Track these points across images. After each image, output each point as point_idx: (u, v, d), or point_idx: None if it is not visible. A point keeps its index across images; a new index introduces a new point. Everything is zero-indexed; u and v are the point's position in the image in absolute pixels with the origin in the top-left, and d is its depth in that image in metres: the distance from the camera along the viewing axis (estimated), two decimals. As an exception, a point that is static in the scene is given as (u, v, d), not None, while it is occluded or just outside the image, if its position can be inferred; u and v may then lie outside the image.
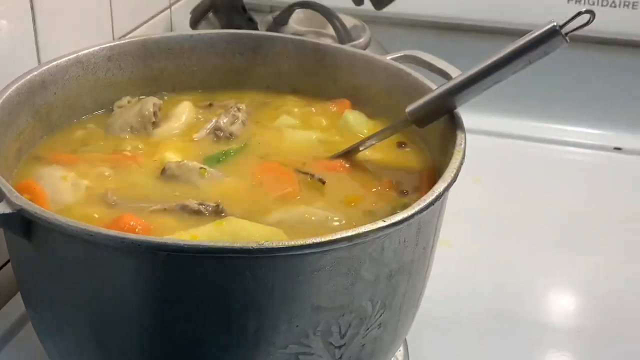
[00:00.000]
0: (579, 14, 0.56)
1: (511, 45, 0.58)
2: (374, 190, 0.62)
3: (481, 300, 0.80)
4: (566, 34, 0.56)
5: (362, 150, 0.66)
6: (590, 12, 0.55)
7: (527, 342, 0.75)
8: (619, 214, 0.95)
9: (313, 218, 0.57)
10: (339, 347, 0.52)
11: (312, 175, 0.62)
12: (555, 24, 0.56)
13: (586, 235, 0.91)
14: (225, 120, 0.70)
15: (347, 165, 0.65)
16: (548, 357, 0.75)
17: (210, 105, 0.74)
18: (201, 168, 0.62)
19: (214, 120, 0.70)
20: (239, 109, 0.71)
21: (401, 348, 0.70)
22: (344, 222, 0.57)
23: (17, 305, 0.70)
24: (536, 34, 0.56)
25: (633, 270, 0.86)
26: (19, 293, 0.71)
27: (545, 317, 0.80)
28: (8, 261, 0.73)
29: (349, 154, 0.66)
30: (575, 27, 0.55)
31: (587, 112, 1.14)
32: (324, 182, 0.62)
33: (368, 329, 0.53)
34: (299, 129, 0.71)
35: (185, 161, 0.63)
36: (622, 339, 0.76)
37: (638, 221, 0.93)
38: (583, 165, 1.08)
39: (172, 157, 0.65)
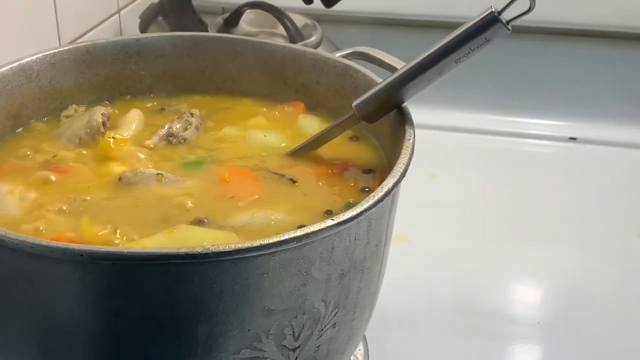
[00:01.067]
0: None
1: (450, 35, 0.57)
2: (335, 188, 0.62)
3: (441, 295, 0.80)
4: (508, 21, 0.55)
5: (317, 148, 0.66)
6: None
7: (489, 335, 0.75)
8: (577, 204, 0.96)
9: (272, 222, 0.56)
10: (294, 349, 0.51)
11: (283, 175, 0.62)
12: (493, 9, 0.55)
13: (545, 227, 0.91)
14: (178, 126, 0.69)
15: (308, 166, 0.65)
16: (511, 349, 0.76)
17: (162, 109, 0.73)
18: (158, 174, 0.61)
19: (166, 127, 0.69)
20: (192, 114, 0.70)
21: (361, 347, 0.70)
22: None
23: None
24: (474, 21, 0.56)
25: (592, 260, 0.86)
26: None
27: (506, 310, 0.80)
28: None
29: (304, 152, 0.65)
30: (516, 14, 0.55)
31: (541, 103, 1.15)
32: (294, 182, 0.61)
33: (322, 329, 0.52)
34: (258, 132, 0.70)
35: (142, 168, 0.62)
36: (583, 330, 0.77)
37: (596, 211, 0.94)
38: (539, 156, 1.09)
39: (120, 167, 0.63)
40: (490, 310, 0.79)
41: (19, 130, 0.69)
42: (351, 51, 0.73)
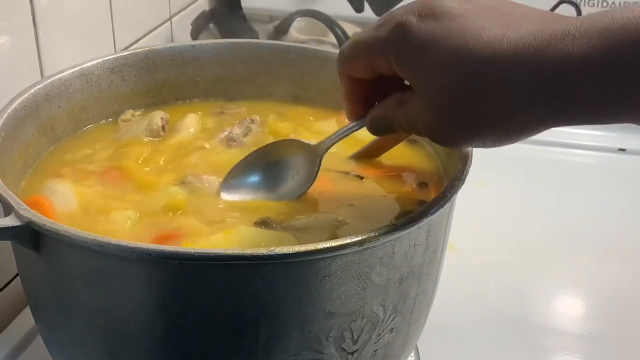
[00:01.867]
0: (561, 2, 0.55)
1: None
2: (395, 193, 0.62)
3: (489, 304, 0.80)
4: None
5: (379, 155, 0.66)
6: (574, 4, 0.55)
7: (536, 347, 0.75)
8: (625, 216, 0.95)
9: (335, 223, 0.57)
10: (352, 352, 0.52)
11: (348, 173, 0.63)
12: None
13: (593, 238, 0.90)
14: (238, 131, 0.70)
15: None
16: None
17: (222, 113, 0.74)
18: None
19: (227, 131, 0.70)
20: (252, 121, 0.71)
21: (412, 354, 0.70)
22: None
23: (26, 319, 0.70)
24: None
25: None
26: (27, 307, 0.71)
27: (553, 322, 0.80)
28: (16, 275, 0.72)
29: (364, 157, 0.66)
30: None
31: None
32: (362, 178, 0.63)
33: (380, 334, 0.53)
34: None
35: (205, 176, 0.63)
36: (631, 342, 0.76)
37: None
38: (588, 167, 1.08)
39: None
40: (539, 322, 0.78)
41: (79, 132, 0.70)
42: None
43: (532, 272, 0.85)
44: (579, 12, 0.56)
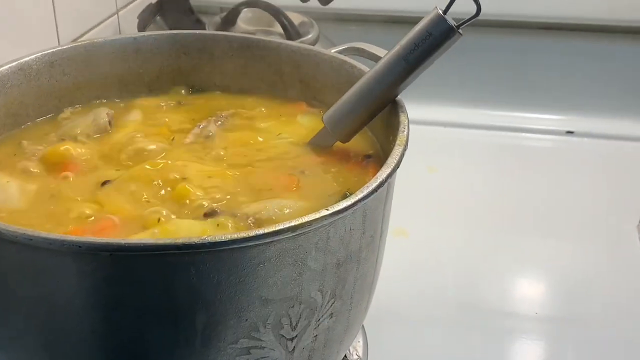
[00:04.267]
0: None
1: None
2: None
3: (441, 288, 0.81)
4: (458, 25, 0.57)
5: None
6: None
7: (489, 329, 0.76)
8: (575, 198, 0.96)
9: (286, 210, 0.57)
10: (291, 339, 0.52)
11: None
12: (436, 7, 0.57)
13: (544, 221, 0.92)
14: (211, 127, 0.69)
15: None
16: (511, 343, 0.76)
17: (179, 104, 0.74)
18: None
19: (201, 126, 0.69)
20: (222, 116, 0.71)
21: (360, 339, 0.71)
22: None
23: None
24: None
25: (593, 253, 0.87)
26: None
27: (506, 305, 0.80)
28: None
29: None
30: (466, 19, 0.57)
31: (538, 98, 1.15)
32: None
33: (319, 319, 0.53)
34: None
35: None
36: (585, 324, 0.77)
37: (594, 204, 0.95)
38: (537, 150, 1.09)
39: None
40: (489, 305, 0.79)
41: (18, 129, 0.69)
42: (346, 47, 0.73)
43: (484, 256, 0.86)
44: (478, 6, 0.58)
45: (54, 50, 0.71)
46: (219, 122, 0.70)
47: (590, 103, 1.13)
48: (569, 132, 1.10)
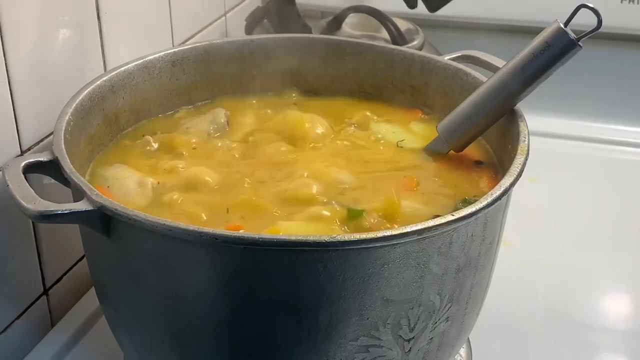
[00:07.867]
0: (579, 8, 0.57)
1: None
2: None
3: (538, 300, 0.81)
4: (578, 38, 0.58)
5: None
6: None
7: (583, 344, 0.75)
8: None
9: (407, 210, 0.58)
10: (408, 340, 0.53)
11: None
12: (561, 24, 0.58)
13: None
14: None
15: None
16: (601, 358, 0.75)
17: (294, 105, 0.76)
18: None
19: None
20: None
21: (464, 346, 0.71)
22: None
23: (89, 301, 0.73)
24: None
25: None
26: (91, 289, 0.73)
27: (602, 320, 0.80)
28: (82, 258, 0.75)
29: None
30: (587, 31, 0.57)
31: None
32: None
33: (436, 322, 0.54)
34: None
35: None
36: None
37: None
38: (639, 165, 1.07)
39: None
40: (587, 319, 0.78)
41: (140, 124, 0.72)
42: (460, 54, 0.74)
43: (582, 268, 0.85)
44: (599, 19, 0.58)
45: (175, 50, 0.74)
46: (353, 127, 0.72)
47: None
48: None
